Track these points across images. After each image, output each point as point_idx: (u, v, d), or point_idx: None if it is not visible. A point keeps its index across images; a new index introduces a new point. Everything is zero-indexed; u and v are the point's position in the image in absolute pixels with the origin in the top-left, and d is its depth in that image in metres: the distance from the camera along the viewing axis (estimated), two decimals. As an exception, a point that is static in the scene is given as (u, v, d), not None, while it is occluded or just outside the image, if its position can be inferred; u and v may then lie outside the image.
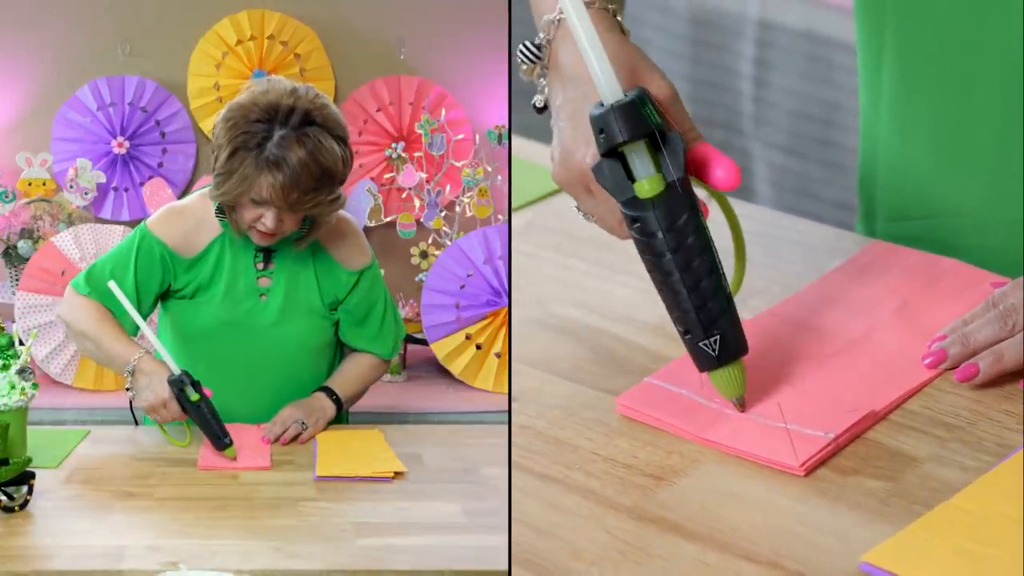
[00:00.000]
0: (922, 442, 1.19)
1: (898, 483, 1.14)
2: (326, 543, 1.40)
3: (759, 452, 1.18)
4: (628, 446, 1.20)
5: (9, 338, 1.52)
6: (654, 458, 1.18)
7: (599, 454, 1.19)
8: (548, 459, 1.19)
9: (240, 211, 1.78)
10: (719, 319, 1.20)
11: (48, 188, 2.91)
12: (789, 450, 1.17)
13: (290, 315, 1.87)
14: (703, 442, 1.21)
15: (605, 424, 1.23)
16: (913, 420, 1.22)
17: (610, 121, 1.14)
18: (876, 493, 1.13)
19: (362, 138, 3.02)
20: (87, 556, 1.35)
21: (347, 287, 1.89)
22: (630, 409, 1.24)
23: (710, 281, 1.19)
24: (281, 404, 1.84)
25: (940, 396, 1.24)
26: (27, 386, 1.51)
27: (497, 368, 2.76)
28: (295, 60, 3.00)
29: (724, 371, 1.21)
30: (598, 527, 1.10)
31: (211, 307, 1.86)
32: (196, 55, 2.99)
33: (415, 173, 2.96)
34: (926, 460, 1.16)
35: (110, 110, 2.95)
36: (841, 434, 1.19)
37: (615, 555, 1.07)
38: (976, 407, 1.22)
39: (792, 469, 1.16)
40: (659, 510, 1.12)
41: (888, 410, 1.23)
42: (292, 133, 1.73)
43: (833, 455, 1.18)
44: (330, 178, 1.77)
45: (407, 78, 3.03)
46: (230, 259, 1.85)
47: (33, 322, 2.65)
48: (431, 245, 2.94)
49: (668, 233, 1.17)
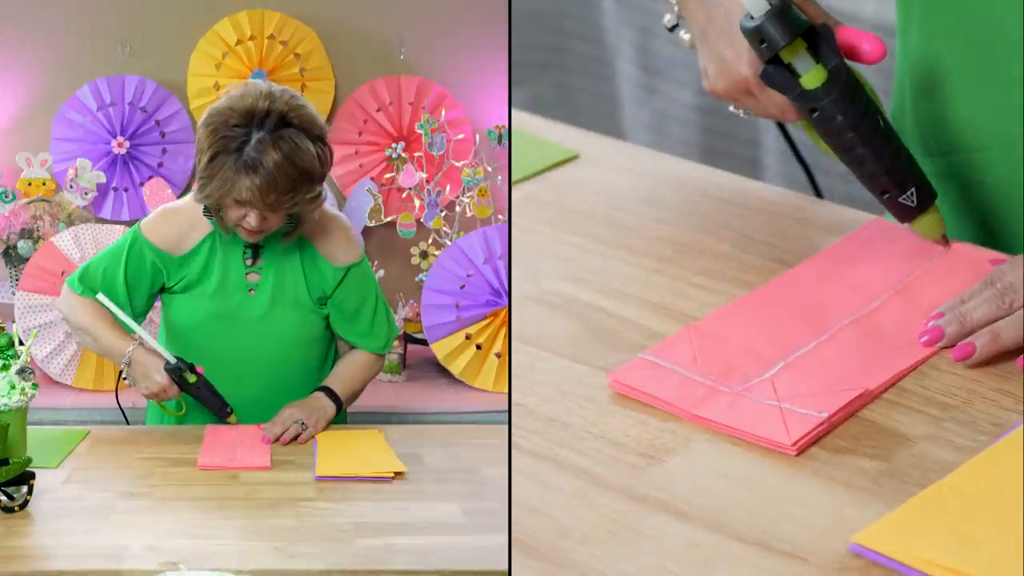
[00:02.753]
0: (916, 421, 1.18)
1: (891, 463, 1.13)
2: (326, 543, 1.40)
3: (751, 430, 1.17)
4: (619, 424, 1.19)
5: (9, 338, 1.52)
6: (645, 436, 1.17)
7: (590, 432, 1.18)
8: (539, 436, 1.18)
9: (226, 211, 1.84)
10: (908, 173, 1.34)
11: (48, 188, 2.91)
12: (781, 428, 1.17)
13: (278, 308, 1.92)
14: (695, 419, 1.20)
15: (597, 401, 1.22)
16: (907, 399, 1.21)
17: (767, 29, 1.27)
18: (868, 472, 1.12)
19: (362, 138, 3.02)
20: (87, 556, 1.35)
21: (334, 282, 1.93)
22: (623, 386, 1.23)
23: (891, 143, 1.33)
24: (272, 396, 1.88)
25: (935, 375, 1.24)
26: (27, 386, 1.51)
27: (497, 368, 2.76)
28: (295, 60, 2.99)
29: (925, 217, 1.35)
30: (588, 505, 1.10)
31: (202, 301, 1.91)
32: (196, 55, 2.99)
33: (415, 173, 2.96)
34: (920, 439, 1.15)
35: (110, 110, 2.95)
36: (834, 413, 1.18)
37: (604, 534, 1.06)
38: (971, 386, 1.21)
39: (784, 448, 1.15)
40: (649, 489, 1.11)
41: (883, 389, 1.22)
42: (268, 136, 1.78)
43: (826, 434, 1.17)
44: (308, 178, 1.82)
45: (407, 78, 3.03)
46: (220, 256, 1.91)
47: (33, 322, 2.65)
48: (431, 245, 2.94)
49: (845, 114, 1.30)
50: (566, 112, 2.91)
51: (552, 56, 3.10)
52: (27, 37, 2.97)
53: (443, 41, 3.06)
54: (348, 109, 3.02)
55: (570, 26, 3.04)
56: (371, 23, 3.05)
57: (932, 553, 1.01)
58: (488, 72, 3.03)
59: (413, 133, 3.02)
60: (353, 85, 3.03)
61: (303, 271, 1.92)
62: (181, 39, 2.99)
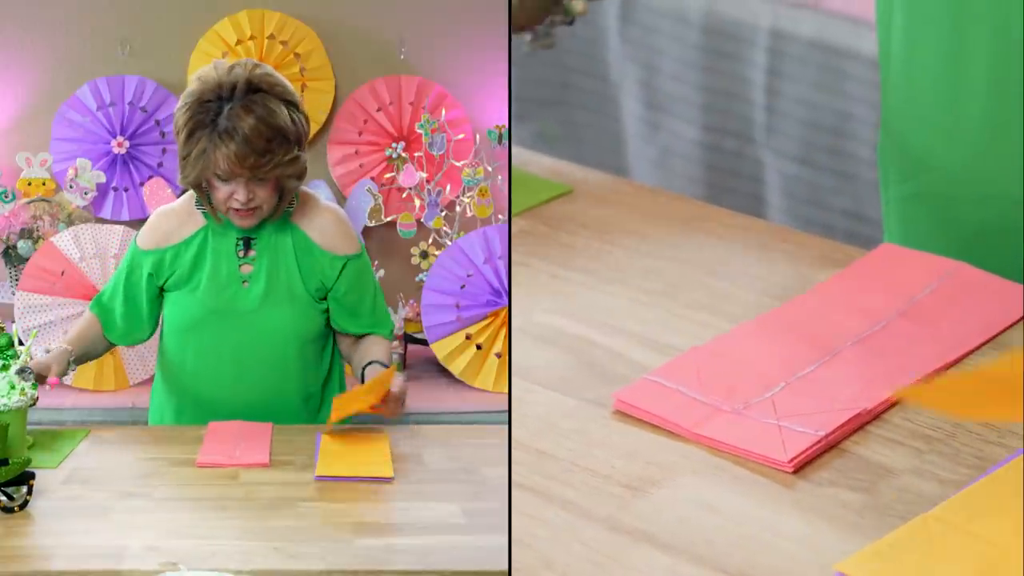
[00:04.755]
0: (900, 454, 1.18)
1: (874, 495, 1.13)
2: (326, 543, 1.40)
3: (750, 447, 1.18)
4: (606, 456, 1.20)
5: (9, 338, 1.52)
6: (631, 468, 1.18)
7: (577, 464, 1.19)
8: (526, 468, 1.19)
9: (214, 194, 1.85)
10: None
11: (48, 188, 2.91)
12: (779, 446, 1.17)
13: (273, 301, 1.91)
14: (696, 438, 1.20)
15: (584, 434, 1.23)
16: (892, 432, 1.21)
17: None
18: (852, 505, 1.12)
19: (362, 138, 3.02)
20: (87, 556, 1.35)
21: (332, 273, 1.92)
22: (627, 405, 1.24)
23: None
24: (268, 394, 1.89)
25: (919, 408, 1.24)
26: (27, 386, 1.51)
27: (497, 368, 2.76)
28: (295, 60, 2.99)
29: None
30: (573, 538, 1.10)
31: (196, 295, 1.91)
32: (196, 55, 2.99)
33: (415, 173, 2.96)
34: (903, 472, 1.16)
35: (110, 110, 2.95)
36: (831, 432, 1.19)
37: (588, 566, 1.07)
38: (955, 420, 1.22)
39: (781, 465, 1.16)
40: (634, 521, 1.12)
41: (882, 408, 1.23)
42: (238, 103, 1.81)
43: (820, 455, 1.18)
44: (283, 138, 1.83)
45: (407, 78, 3.03)
46: (212, 248, 1.91)
47: (33, 322, 2.65)
48: (431, 245, 2.94)
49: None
50: (570, 148, 2.93)
51: (556, 92, 3.12)
52: (27, 37, 2.96)
53: (443, 41, 3.06)
54: (348, 109, 3.02)
55: (574, 62, 3.06)
56: (371, 23, 3.05)
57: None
58: (488, 72, 3.03)
59: (413, 133, 3.01)
60: (353, 85, 3.03)
61: (297, 261, 1.92)
62: (181, 39, 2.99)
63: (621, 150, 3.07)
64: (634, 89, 2.96)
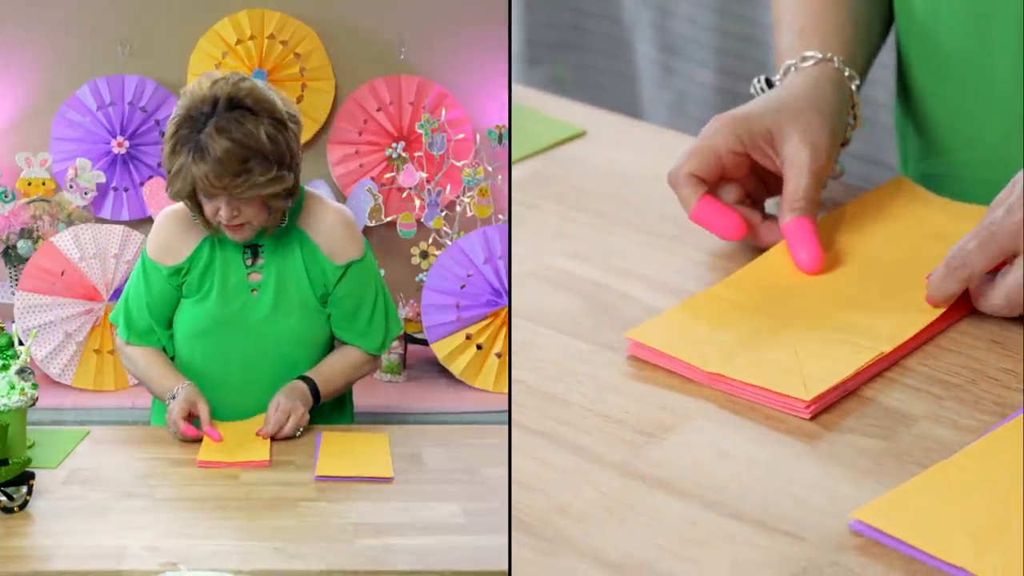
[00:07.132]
0: (918, 400, 1.16)
1: (892, 442, 1.11)
2: (326, 543, 1.39)
3: (768, 386, 1.16)
4: (619, 401, 1.18)
5: (9, 338, 1.52)
6: (645, 414, 1.16)
7: (590, 409, 1.17)
8: (538, 413, 1.17)
9: (204, 208, 1.83)
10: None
11: (48, 188, 2.91)
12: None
13: (282, 309, 1.89)
14: (711, 379, 1.18)
15: (597, 379, 1.21)
16: (910, 378, 1.19)
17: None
18: (869, 452, 1.10)
19: (362, 138, 3.02)
20: (87, 556, 1.35)
21: (334, 279, 1.90)
22: (640, 347, 1.22)
23: None
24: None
25: (938, 353, 1.21)
26: (27, 386, 1.51)
27: (497, 368, 2.76)
28: (295, 60, 2.99)
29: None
30: (585, 483, 1.08)
31: (206, 305, 1.89)
32: (196, 55, 2.99)
33: (415, 173, 2.96)
34: (921, 418, 1.14)
35: (110, 110, 2.95)
36: (850, 377, 1.16)
37: (601, 512, 1.05)
38: (975, 365, 1.19)
39: (798, 410, 1.14)
40: (648, 467, 1.10)
41: (903, 352, 1.20)
42: (216, 122, 1.77)
43: (837, 402, 1.16)
44: (261, 157, 1.78)
45: (407, 78, 3.03)
46: (220, 258, 1.89)
47: (33, 322, 2.65)
48: (431, 245, 2.94)
49: None
50: (584, 92, 2.88)
51: (570, 35, 3.07)
52: (27, 37, 2.96)
53: (443, 41, 3.06)
54: (348, 109, 3.02)
55: (588, 5, 3.02)
56: (371, 23, 3.05)
57: (932, 531, 0.99)
58: (488, 72, 3.03)
59: (413, 133, 3.01)
60: (353, 85, 3.03)
61: (305, 268, 1.89)
62: (181, 39, 2.99)
63: (635, 94, 3.02)
64: (648, 32, 2.92)
